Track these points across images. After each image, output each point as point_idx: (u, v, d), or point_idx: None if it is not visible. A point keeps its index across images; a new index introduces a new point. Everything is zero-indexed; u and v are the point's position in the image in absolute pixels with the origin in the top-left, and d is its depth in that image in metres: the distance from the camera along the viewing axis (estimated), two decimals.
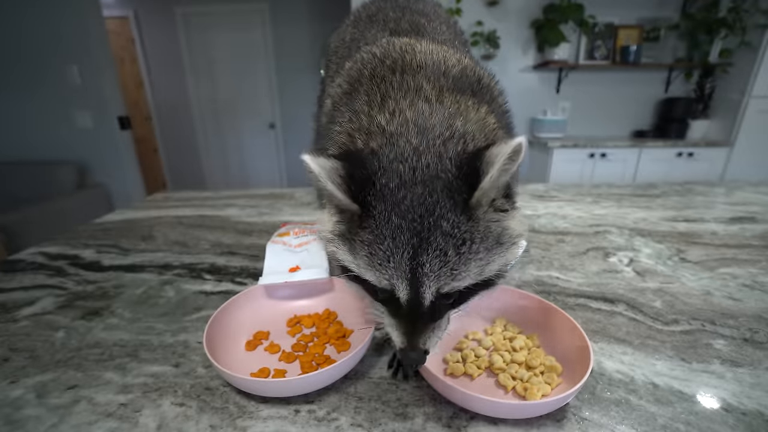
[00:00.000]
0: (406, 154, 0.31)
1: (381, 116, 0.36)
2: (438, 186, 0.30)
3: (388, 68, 0.42)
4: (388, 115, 0.35)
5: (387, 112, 0.36)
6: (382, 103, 0.37)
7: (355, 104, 0.40)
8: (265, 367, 0.50)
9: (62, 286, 0.76)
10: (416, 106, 0.35)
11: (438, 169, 0.30)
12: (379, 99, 0.38)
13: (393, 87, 0.39)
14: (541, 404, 0.42)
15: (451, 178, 0.30)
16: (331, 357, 0.53)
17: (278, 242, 0.85)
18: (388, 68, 0.42)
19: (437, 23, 0.63)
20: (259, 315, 0.60)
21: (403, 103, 0.36)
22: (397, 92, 0.38)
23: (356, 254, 0.33)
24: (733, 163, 3.11)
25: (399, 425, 0.42)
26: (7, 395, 0.48)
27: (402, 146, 0.32)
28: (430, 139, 0.32)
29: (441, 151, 0.32)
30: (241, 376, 0.44)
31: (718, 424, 0.41)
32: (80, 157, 2.90)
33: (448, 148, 0.32)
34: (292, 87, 4.38)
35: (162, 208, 1.27)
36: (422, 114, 0.34)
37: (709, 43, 3.05)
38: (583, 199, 1.30)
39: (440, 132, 0.33)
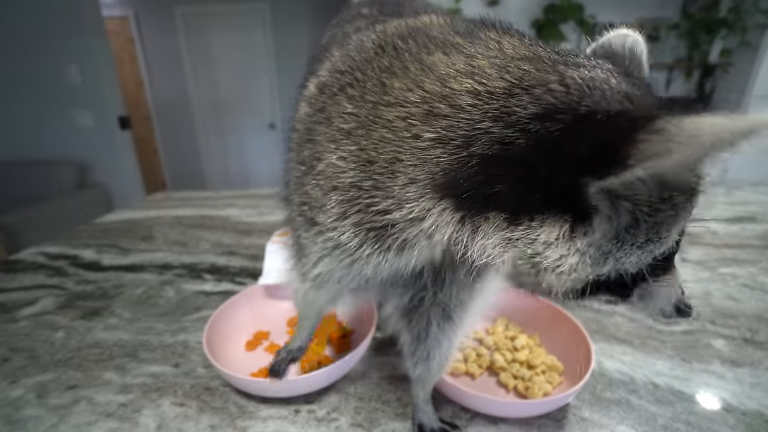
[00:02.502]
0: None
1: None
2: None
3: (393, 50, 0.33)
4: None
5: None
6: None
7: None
8: (265, 368, 0.50)
9: (62, 286, 0.76)
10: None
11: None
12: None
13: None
14: (542, 403, 0.42)
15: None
16: (330, 357, 0.53)
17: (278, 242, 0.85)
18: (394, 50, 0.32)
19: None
20: (258, 315, 0.60)
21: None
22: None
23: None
24: (733, 163, 3.11)
25: (399, 425, 0.42)
26: (7, 395, 0.48)
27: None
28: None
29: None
30: (241, 377, 0.44)
31: (718, 424, 0.41)
32: (80, 157, 2.90)
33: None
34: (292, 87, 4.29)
35: (162, 208, 1.27)
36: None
37: (709, 43, 3.05)
38: None
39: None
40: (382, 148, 0.28)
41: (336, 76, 0.34)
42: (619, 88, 0.25)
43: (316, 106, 0.35)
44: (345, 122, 0.30)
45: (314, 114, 0.34)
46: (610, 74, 0.26)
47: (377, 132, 0.28)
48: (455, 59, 0.28)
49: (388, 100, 0.29)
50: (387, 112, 0.28)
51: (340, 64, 0.34)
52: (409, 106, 0.27)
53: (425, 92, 0.27)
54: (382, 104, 0.29)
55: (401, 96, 0.28)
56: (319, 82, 0.36)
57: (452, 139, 0.25)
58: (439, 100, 0.26)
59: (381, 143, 0.28)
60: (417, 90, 0.28)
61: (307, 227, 0.34)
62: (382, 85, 0.29)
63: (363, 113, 0.30)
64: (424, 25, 0.33)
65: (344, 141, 0.30)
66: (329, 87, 0.34)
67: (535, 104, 0.23)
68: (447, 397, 0.45)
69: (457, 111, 0.26)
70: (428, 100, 0.27)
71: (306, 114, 0.36)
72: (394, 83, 0.29)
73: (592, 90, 0.23)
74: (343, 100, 0.31)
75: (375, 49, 0.32)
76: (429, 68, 0.28)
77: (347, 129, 0.30)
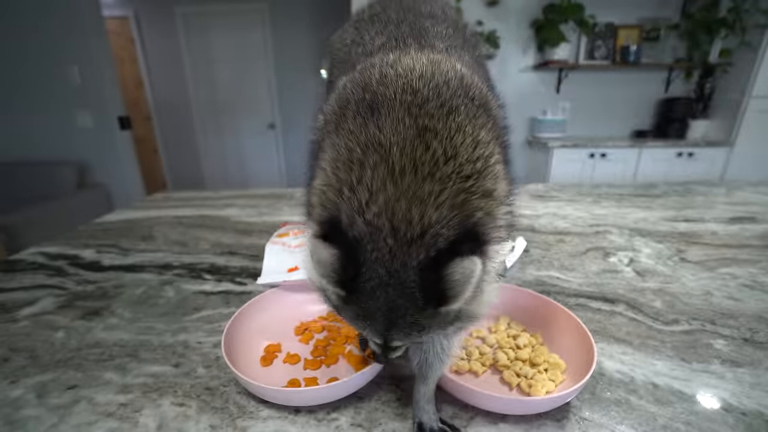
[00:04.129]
0: (384, 256, 0.33)
1: (360, 193, 0.34)
2: (405, 293, 0.33)
3: (367, 108, 0.39)
4: (366, 194, 0.34)
5: (365, 190, 0.34)
6: (360, 171, 0.35)
7: (339, 152, 0.38)
8: (294, 379, 0.50)
9: (62, 286, 0.76)
10: (387, 188, 0.34)
11: (405, 277, 0.33)
12: (357, 162, 0.36)
13: (368, 148, 0.36)
14: (545, 400, 0.42)
15: (415, 290, 0.33)
16: (354, 353, 0.54)
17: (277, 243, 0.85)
18: (367, 108, 0.39)
19: (443, 27, 0.59)
20: (264, 329, 0.58)
21: (377, 179, 0.34)
22: (371, 157, 0.35)
23: (341, 312, 0.38)
24: (733, 163, 3.11)
25: (399, 425, 0.42)
26: (7, 395, 0.48)
27: (380, 246, 0.33)
28: (401, 241, 0.33)
29: (406, 260, 0.33)
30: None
31: (718, 424, 0.41)
32: (80, 157, 2.90)
33: (412, 253, 0.33)
34: (291, 87, 4.38)
35: (162, 208, 1.27)
36: (392, 201, 0.33)
37: (709, 43, 3.05)
38: (583, 199, 1.30)
39: (405, 230, 0.33)
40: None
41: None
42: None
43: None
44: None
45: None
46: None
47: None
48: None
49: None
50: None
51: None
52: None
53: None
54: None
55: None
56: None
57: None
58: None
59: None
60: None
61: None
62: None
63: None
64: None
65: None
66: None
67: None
68: (449, 394, 0.46)
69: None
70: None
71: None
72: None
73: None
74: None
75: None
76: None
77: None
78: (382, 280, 0.34)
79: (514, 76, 3.35)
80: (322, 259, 0.33)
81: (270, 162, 4.78)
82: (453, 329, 0.38)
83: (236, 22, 4.21)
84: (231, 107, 4.56)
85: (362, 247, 0.34)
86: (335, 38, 0.73)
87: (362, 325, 0.37)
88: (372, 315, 0.35)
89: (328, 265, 0.33)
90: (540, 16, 3.11)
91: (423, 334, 0.36)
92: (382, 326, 0.36)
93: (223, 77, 4.45)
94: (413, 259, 0.33)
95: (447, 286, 0.32)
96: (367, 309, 0.35)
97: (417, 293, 0.33)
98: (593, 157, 3.09)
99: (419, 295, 0.33)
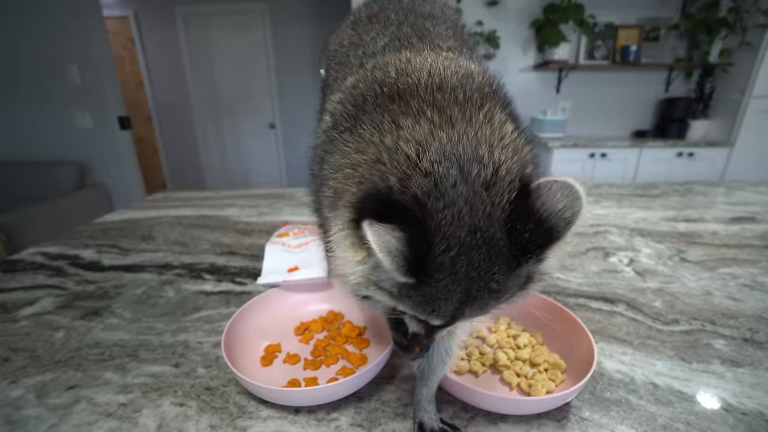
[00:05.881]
0: (461, 211, 0.28)
1: (406, 147, 0.31)
2: (493, 253, 0.28)
3: (387, 98, 0.37)
4: (415, 146, 0.31)
5: (411, 144, 0.31)
6: (397, 130, 0.33)
7: (364, 134, 0.36)
8: (294, 379, 0.50)
9: (62, 286, 0.76)
10: (437, 135, 0.31)
11: (491, 233, 0.28)
12: (389, 131, 0.33)
13: (398, 118, 0.34)
14: (545, 400, 0.42)
15: (504, 246, 0.28)
16: (353, 352, 0.54)
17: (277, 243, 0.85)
18: (388, 98, 0.37)
19: (443, 28, 0.58)
20: (264, 329, 0.58)
21: (420, 132, 0.32)
22: (405, 121, 0.33)
23: (400, 302, 0.31)
24: (733, 163, 3.11)
25: (399, 425, 0.42)
26: (7, 395, 0.48)
27: (452, 198, 0.28)
28: (475, 185, 0.28)
29: (490, 211, 0.28)
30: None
31: (718, 424, 0.41)
32: (80, 157, 2.90)
33: (494, 198, 0.28)
34: (292, 87, 4.38)
35: (162, 208, 1.27)
36: (450, 145, 0.30)
37: (709, 43, 3.05)
38: None
39: (479, 171, 0.29)
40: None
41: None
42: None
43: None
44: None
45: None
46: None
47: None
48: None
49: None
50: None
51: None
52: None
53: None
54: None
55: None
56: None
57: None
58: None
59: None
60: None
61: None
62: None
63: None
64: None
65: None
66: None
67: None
68: (450, 393, 0.46)
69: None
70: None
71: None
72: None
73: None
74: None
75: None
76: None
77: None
78: (464, 245, 0.28)
79: (514, 76, 3.35)
80: (389, 247, 0.26)
81: (270, 162, 4.78)
82: (523, 294, 0.33)
83: (236, 22, 4.20)
84: (231, 107, 4.56)
85: (431, 207, 0.28)
86: (333, 39, 0.72)
87: (429, 310, 0.31)
88: (447, 294, 0.29)
89: (397, 253, 0.26)
90: (540, 16, 3.11)
91: (500, 302, 0.31)
92: (455, 305, 0.30)
93: (223, 77, 4.45)
94: (496, 207, 0.28)
95: (554, 219, 0.27)
96: (443, 290, 0.29)
97: (507, 249, 0.28)
98: (593, 157, 3.09)
99: (512, 250, 0.28)
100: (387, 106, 0.36)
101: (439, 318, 0.31)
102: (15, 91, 2.78)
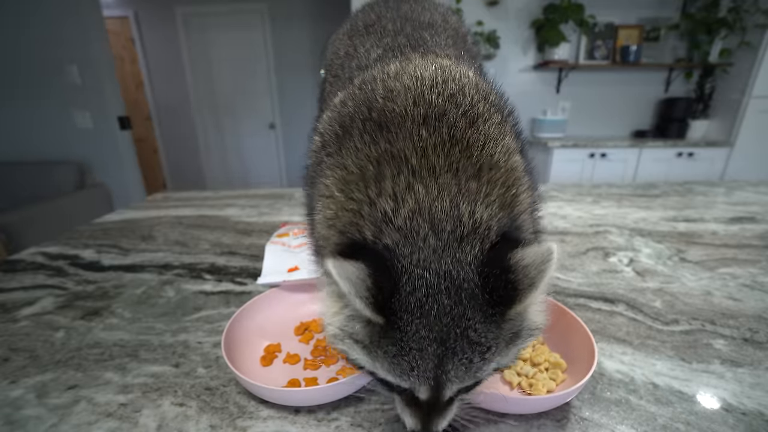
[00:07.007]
0: (427, 257, 0.28)
1: (384, 203, 0.31)
2: (464, 297, 0.28)
3: (375, 126, 0.36)
4: (391, 202, 0.30)
5: (388, 199, 0.31)
6: (378, 182, 0.32)
7: (349, 166, 0.35)
8: (294, 379, 0.49)
9: (62, 286, 0.76)
10: (416, 190, 0.30)
11: (461, 278, 0.28)
12: (372, 178, 0.33)
13: (382, 162, 0.33)
14: (545, 399, 0.42)
15: (476, 290, 0.28)
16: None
17: (277, 243, 0.85)
18: (375, 126, 0.35)
19: (443, 37, 0.56)
20: (264, 329, 0.58)
21: (400, 185, 0.31)
22: (387, 168, 0.32)
23: (375, 359, 0.30)
24: (733, 163, 3.11)
25: (399, 425, 0.42)
26: (7, 395, 0.48)
27: (420, 248, 0.28)
28: (447, 239, 0.29)
29: (460, 257, 0.28)
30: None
31: (718, 424, 0.41)
32: (80, 157, 2.90)
33: (466, 251, 0.28)
34: (291, 87, 4.39)
35: (162, 208, 1.27)
36: (427, 201, 0.30)
37: (709, 43, 3.05)
38: (583, 199, 1.30)
39: (454, 228, 0.29)
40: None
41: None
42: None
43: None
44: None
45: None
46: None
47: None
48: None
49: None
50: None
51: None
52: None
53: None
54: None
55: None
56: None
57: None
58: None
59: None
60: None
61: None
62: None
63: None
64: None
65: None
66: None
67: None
68: None
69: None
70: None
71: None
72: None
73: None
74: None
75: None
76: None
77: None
78: (431, 287, 0.28)
79: (514, 76, 3.35)
80: (351, 277, 0.27)
81: (270, 162, 4.78)
82: (514, 351, 0.32)
83: (236, 22, 4.21)
84: (231, 107, 4.56)
85: (398, 253, 0.29)
86: (330, 46, 0.69)
87: (407, 367, 0.29)
88: (421, 343, 0.28)
89: (359, 283, 0.27)
90: (540, 16, 3.11)
91: (485, 360, 0.29)
92: (434, 360, 0.28)
93: (223, 77, 4.45)
94: (467, 254, 0.28)
95: (521, 274, 0.27)
96: (414, 335, 0.28)
97: (480, 293, 0.28)
98: (593, 157, 3.09)
99: (484, 294, 0.28)
100: (374, 136, 0.35)
101: (421, 380, 0.29)
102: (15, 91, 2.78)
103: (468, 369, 0.29)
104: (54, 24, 2.59)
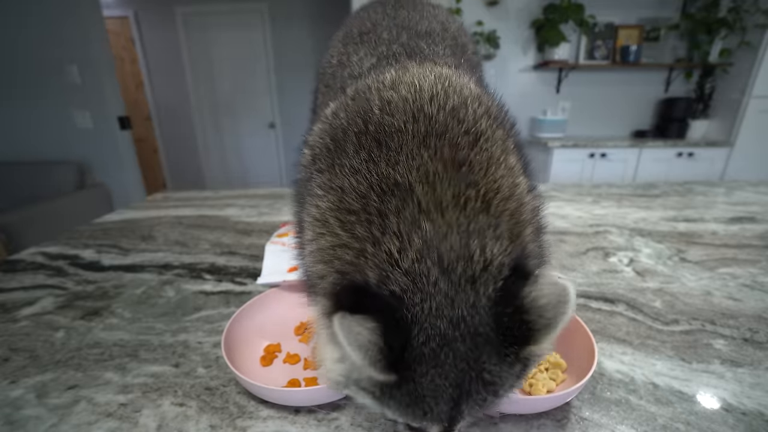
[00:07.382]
0: (440, 305, 0.27)
1: (388, 243, 0.28)
2: (479, 342, 0.27)
3: (371, 142, 0.33)
4: (396, 241, 0.28)
5: (393, 238, 0.28)
6: (382, 217, 0.30)
7: (343, 198, 0.32)
8: (294, 379, 0.49)
9: (62, 286, 0.76)
10: (422, 228, 0.28)
11: (476, 322, 0.27)
12: (375, 212, 0.30)
13: (384, 191, 0.30)
14: (545, 399, 0.42)
15: (491, 333, 0.27)
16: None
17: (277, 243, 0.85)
18: (372, 142, 0.33)
19: (441, 47, 0.53)
20: (264, 329, 0.58)
21: (405, 222, 0.29)
22: (390, 201, 0.30)
23: (386, 407, 0.29)
24: (733, 163, 3.11)
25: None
26: (7, 395, 0.48)
27: (431, 294, 0.27)
28: (458, 282, 0.27)
29: (474, 300, 0.27)
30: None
31: (718, 424, 0.41)
32: (80, 157, 2.90)
33: (479, 292, 0.27)
34: (291, 87, 4.39)
35: (162, 208, 1.27)
36: (435, 240, 0.28)
37: (709, 43, 3.05)
38: (583, 199, 1.30)
39: (465, 268, 0.27)
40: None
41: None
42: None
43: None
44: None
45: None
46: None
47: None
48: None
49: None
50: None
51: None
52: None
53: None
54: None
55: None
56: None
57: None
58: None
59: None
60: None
61: None
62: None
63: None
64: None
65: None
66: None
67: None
68: None
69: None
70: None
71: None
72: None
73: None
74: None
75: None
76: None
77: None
78: (446, 336, 0.27)
79: (514, 76, 3.35)
80: (360, 340, 0.25)
81: (270, 162, 4.78)
82: (522, 379, 0.31)
83: (236, 22, 4.21)
84: (231, 107, 4.56)
85: (408, 302, 0.27)
86: (326, 53, 0.66)
87: (420, 413, 0.28)
88: (436, 391, 0.27)
89: (370, 346, 0.25)
90: (540, 16, 3.11)
91: (498, 397, 0.29)
92: (449, 404, 0.27)
93: (223, 77, 4.45)
94: (481, 296, 0.27)
95: (536, 315, 0.26)
96: (429, 385, 0.27)
97: (496, 335, 0.27)
98: (593, 157, 3.09)
99: (500, 337, 0.27)
100: (371, 154, 0.32)
101: (434, 422, 0.29)
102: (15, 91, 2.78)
103: (481, 407, 0.29)
104: (54, 24, 2.59)
